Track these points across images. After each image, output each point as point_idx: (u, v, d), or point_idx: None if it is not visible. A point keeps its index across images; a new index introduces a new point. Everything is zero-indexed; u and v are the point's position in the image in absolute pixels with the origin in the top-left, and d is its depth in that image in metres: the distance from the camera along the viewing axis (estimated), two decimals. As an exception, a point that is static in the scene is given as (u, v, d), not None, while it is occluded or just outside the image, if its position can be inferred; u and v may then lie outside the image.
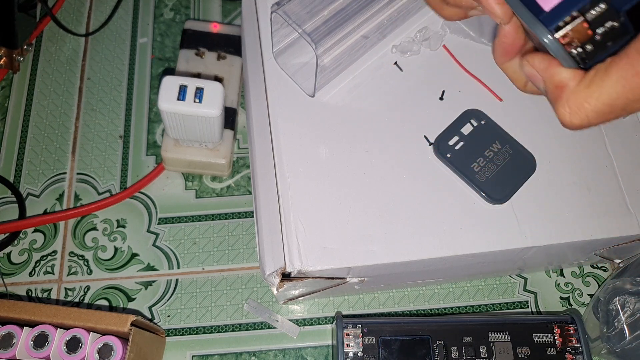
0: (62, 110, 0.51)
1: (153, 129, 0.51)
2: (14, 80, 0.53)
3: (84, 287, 0.45)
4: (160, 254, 0.46)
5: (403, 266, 0.36)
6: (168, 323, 0.44)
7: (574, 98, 0.24)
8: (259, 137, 0.39)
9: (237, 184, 0.49)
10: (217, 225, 0.47)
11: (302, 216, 0.36)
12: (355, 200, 0.36)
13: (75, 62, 0.54)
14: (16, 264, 0.45)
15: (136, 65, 0.54)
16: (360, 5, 0.36)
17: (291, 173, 0.37)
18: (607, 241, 0.38)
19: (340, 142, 0.38)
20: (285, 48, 0.40)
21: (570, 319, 0.39)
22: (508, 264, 0.41)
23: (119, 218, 0.47)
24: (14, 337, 0.35)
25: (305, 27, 0.35)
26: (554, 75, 0.25)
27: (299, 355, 0.43)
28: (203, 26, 0.51)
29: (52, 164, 0.49)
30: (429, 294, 0.45)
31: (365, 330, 0.38)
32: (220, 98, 0.40)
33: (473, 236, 0.36)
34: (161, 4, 0.57)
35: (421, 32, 0.41)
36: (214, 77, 0.49)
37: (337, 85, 0.40)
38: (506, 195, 0.37)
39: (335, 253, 0.35)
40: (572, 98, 0.24)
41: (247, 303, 0.44)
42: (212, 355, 0.43)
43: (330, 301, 0.45)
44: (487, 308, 0.44)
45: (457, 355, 0.38)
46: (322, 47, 0.35)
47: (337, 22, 0.36)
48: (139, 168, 0.49)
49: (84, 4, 0.57)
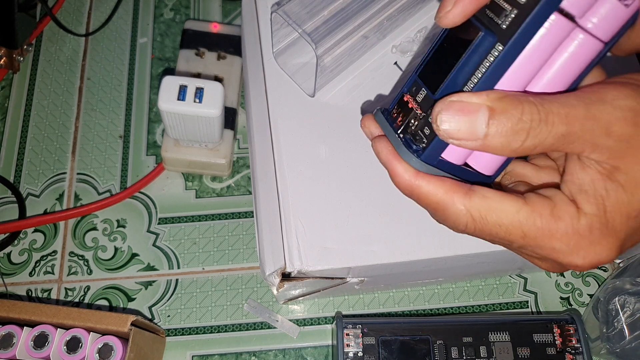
0: (62, 110, 0.51)
1: (153, 129, 0.51)
2: (14, 80, 0.53)
3: (84, 287, 0.45)
4: (160, 254, 0.46)
5: (403, 266, 0.36)
6: (168, 323, 0.44)
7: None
8: (259, 137, 0.39)
9: (237, 184, 0.49)
10: (217, 225, 0.47)
11: (302, 216, 0.36)
12: (355, 200, 0.36)
13: (75, 62, 0.54)
14: (16, 264, 0.45)
15: (136, 65, 0.54)
16: (360, 5, 0.36)
17: (291, 173, 0.37)
18: (607, 241, 0.38)
19: (340, 142, 0.38)
20: (285, 48, 0.40)
21: (570, 319, 0.39)
22: (508, 264, 0.41)
23: (119, 218, 0.47)
24: (14, 337, 0.35)
25: (305, 27, 0.35)
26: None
27: (299, 355, 0.43)
28: (203, 26, 0.51)
29: (52, 164, 0.49)
30: (429, 294, 0.45)
31: (365, 330, 0.38)
32: (220, 98, 0.40)
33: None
34: (161, 4, 0.57)
35: (421, 32, 0.41)
36: (214, 77, 0.49)
37: (337, 85, 0.40)
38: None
39: (335, 253, 0.35)
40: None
41: (247, 303, 0.44)
42: (212, 355, 0.43)
43: (330, 301, 0.45)
44: (487, 308, 0.44)
45: (457, 355, 0.38)
46: (322, 47, 0.35)
47: (337, 22, 0.36)
48: (139, 168, 0.49)
49: (84, 4, 0.57)
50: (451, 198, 0.24)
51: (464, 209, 0.24)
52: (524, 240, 0.24)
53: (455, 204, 0.24)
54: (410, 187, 0.25)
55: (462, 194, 0.24)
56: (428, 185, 0.24)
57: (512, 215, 0.23)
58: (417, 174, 0.25)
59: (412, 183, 0.25)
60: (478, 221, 0.24)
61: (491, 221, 0.24)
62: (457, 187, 0.24)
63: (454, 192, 0.24)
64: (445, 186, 0.24)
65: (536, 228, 0.23)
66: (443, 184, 0.24)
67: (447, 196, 0.24)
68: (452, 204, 0.24)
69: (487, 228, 0.24)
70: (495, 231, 0.24)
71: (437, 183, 0.24)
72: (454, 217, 0.24)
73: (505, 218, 0.23)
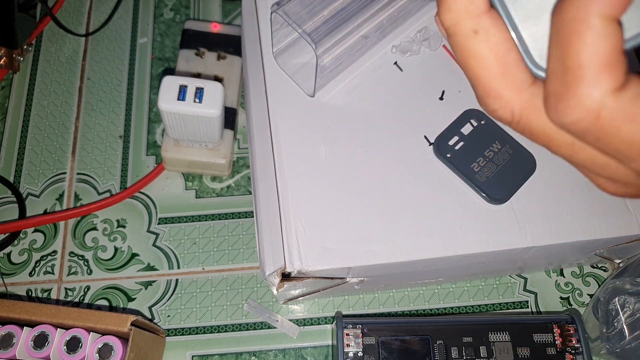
0: (62, 110, 0.51)
1: (153, 129, 0.51)
2: (14, 80, 0.53)
3: (84, 287, 0.45)
4: (160, 254, 0.46)
5: (403, 266, 0.36)
6: (168, 323, 0.44)
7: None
8: (259, 137, 0.39)
9: (237, 184, 0.49)
10: (217, 225, 0.47)
11: (302, 216, 0.36)
12: (355, 200, 0.36)
13: (75, 62, 0.54)
14: (16, 264, 0.45)
15: (136, 65, 0.54)
16: (360, 5, 0.36)
17: (291, 173, 0.37)
18: (607, 241, 0.38)
19: (340, 142, 0.38)
20: (285, 48, 0.40)
21: (570, 319, 0.39)
22: (508, 264, 0.41)
23: (119, 218, 0.47)
24: (14, 337, 0.35)
25: (305, 27, 0.35)
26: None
27: (299, 355, 0.43)
28: (203, 26, 0.51)
29: (52, 164, 0.49)
30: (429, 294, 0.45)
31: (365, 330, 0.38)
32: (220, 98, 0.40)
33: (473, 236, 0.36)
34: (161, 4, 0.57)
35: (421, 32, 0.41)
36: (214, 77, 0.49)
37: (337, 85, 0.40)
38: (506, 195, 0.37)
39: (335, 253, 0.35)
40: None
41: (247, 303, 0.44)
42: (212, 355, 0.43)
43: (330, 301, 0.45)
44: (487, 308, 0.44)
45: (457, 355, 0.38)
46: (322, 47, 0.35)
47: (337, 22, 0.36)
48: (139, 168, 0.49)
49: (84, 4, 0.57)
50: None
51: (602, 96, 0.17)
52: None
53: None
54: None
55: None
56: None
57: None
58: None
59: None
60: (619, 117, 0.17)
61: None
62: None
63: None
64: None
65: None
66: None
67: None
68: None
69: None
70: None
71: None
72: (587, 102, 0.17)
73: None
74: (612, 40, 0.17)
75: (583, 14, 0.16)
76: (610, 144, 0.18)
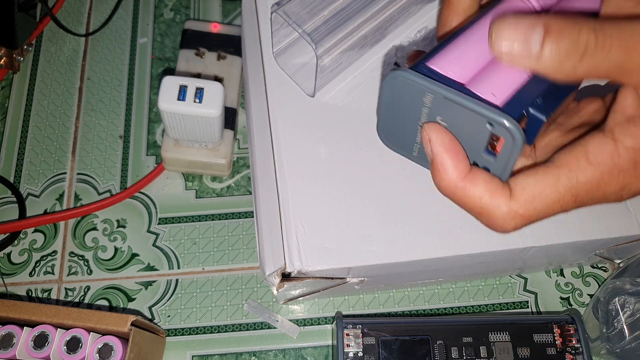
0: (62, 110, 0.51)
1: (153, 129, 0.51)
2: (14, 80, 0.53)
3: (84, 287, 0.45)
4: (160, 254, 0.46)
5: (403, 266, 0.36)
6: (168, 323, 0.44)
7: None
8: (259, 137, 0.39)
9: (237, 184, 0.49)
10: (217, 225, 0.47)
11: (302, 216, 0.36)
12: (355, 200, 0.36)
13: (75, 62, 0.54)
14: (16, 264, 0.45)
15: (136, 65, 0.54)
16: (360, 5, 0.36)
17: (291, 173, 0.37)
18: (607, 241, 0.38)
19: (340, 142, 0.38)
20: (285, 48, 0.40)
21: (570, 319, 0.39)
22: (508, 264, 0.41)
23: (119, 218, 0.47)
24: (14, 337, 0.35)
25: (305, 27, 0.35)
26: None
27: (299, 355, 0.43)
28: (203, 26, 0.51)
29: (52, 164, 0.49)
30: (429, 294, 0.45)
31: (365, 330, 0.38)
32: (220, 98, 0.40)
33: (473, 236, 0.36)
34: (161, 4, 0.57)
35: (421, 32, 0.41)
36: (214, 77, 0.49)
37: (337, 85, 0.40)
38: None
39: (335, 253, 0.35)
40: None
41: (247, 303, 0.44)
42: (212, 355, 0.43)
43: (330, 301, 0.45)
44: (487, 308, 0.44)
45: (457, 355, 0.38)
46: (322, 47, 0.35)
47: (337, 22, 0.36)
48: (139, 168, 0.49)
49: (84, 4, 0.57)
50: (497, 202, 0.23)
51: (509, 210, 0.23)
52: (578, 201, 0.23)
53: (500, 206, 0.23)
54: (454, 188, 0.23)
55: (507, 197, 0.23)
56: (474, 188, 0.23)
57: (553, 187, 0.22)
58: (466, 175, 0.23)
59: (458, 184, 0.23)
60: (527, 215, 0.23)
61: (539, 207, 0.22)
62: (500, 189, 0.23)
63: (499, 195, 0.23)
64: (490, 188, 0.23)
65: (581, 185, 0.22)
66: (489, 186, 0.23)
67: (492, 200, 0.23)
68: (497, 208, 0.23)
69: (539, 215, 0.23)
70: (549, 212, 0.23)
71: (484, 185, 0.23)
72: (501, 222, 0.23)
73: (550, 195, 0.22)
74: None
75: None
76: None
